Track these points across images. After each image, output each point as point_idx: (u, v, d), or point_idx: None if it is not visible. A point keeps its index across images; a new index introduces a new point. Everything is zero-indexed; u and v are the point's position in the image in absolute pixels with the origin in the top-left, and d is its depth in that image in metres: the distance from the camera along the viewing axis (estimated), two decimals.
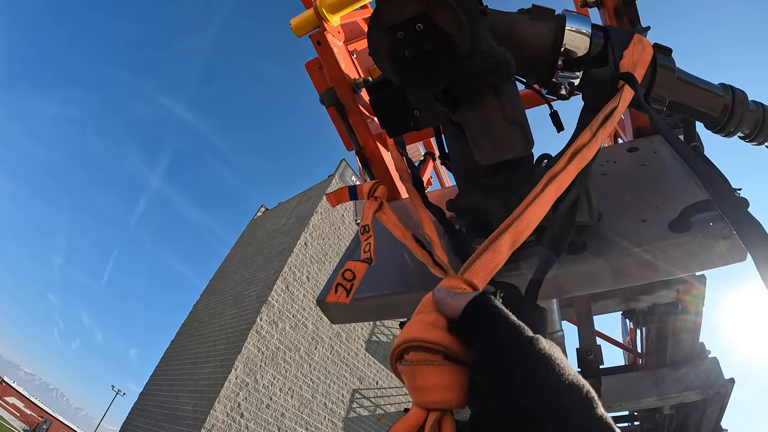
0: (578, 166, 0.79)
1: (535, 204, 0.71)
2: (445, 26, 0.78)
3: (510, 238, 0.67)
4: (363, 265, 1.02)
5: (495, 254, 0.65)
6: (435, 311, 0.54)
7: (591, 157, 0.81)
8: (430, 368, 0.48)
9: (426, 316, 0.53)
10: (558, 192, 0.75)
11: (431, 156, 2.47)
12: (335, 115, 1.65)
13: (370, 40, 0.84)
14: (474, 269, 0.64)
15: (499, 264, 0.65)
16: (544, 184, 0.74)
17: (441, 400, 0.48)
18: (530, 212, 0.70)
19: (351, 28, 1.83)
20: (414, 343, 0.50)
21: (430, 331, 0.50)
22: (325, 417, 15.61)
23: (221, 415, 12.81)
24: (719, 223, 0.92)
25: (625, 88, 0.88)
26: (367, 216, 1.16)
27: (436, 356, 0.49)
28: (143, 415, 16.69)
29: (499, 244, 0.66)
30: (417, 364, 0.49)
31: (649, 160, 1.28)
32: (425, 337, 0.50)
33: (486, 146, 0.92)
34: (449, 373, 0.48)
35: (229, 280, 19.72)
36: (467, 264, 0.65)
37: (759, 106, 1.11)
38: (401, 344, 0.51)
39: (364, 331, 18.17)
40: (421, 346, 0.50)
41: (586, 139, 0.81)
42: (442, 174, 2.78)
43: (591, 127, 0.83)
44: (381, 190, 1.24)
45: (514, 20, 0.95)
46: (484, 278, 0.64)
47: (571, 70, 0.95)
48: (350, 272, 1.01)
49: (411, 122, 1.10)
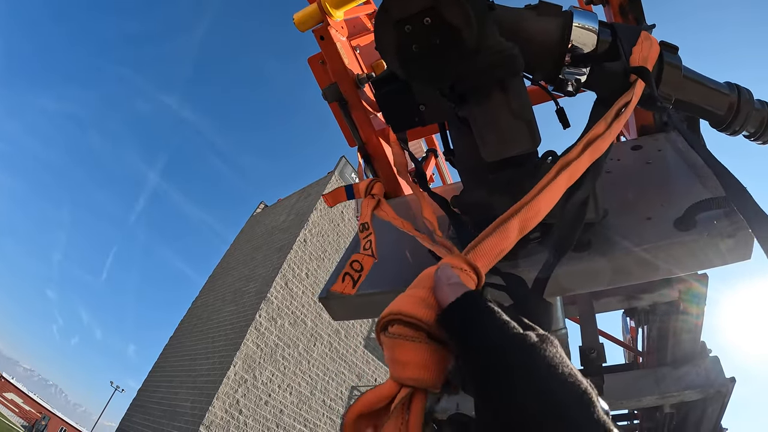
0: (592, 156, 0.77)
1: (546, 191, 0.68)
2: (453, 20, 0.77)
3: (518, 224, 0.65)
4: (369, 259, 1.02)
5: (501, 239, 0.63)
6: (429, 288, 0.53)
7: (605, 149, 0.80)
8: (411, 344, 0.48)
9: (419, 291, 0.53)
10: (570, 181, 0.74)
11: (433, 152, 2.47)
12: (338, 111, 1.64)
13: (377, 33, 0.83)
14: (479, 251, 0.62)
15: (505, 249, 0.63)
16: (557, 171, 0.72)
17: (416, 377, 0.47)
18: (541, 199, 0.67)
19: (354, 23, 1.82)
20: (399, 316, 0.50)
21: (419, 308, 0.49)
22: (324, 414, 15.64)
23: (220, 411, 12.83)
24: (723, 221, 0.91)
25: (637, 83, 0.88)
26: (366, 214, 1.16)
27: (418, 333, 0.48)
28: (142, 412, 16.72)
29: (506, 228, 0.63)
30: (398, 338, 0.48)
31: (653, 159, 1.27)
32: (412, 312, 0.49)
33: (492, 142, 0.92)
34: (428, 352, 0.47)
35: (228, 277, 19.73)
36: (473, 244, 0.63)
37: (764, 105, 1.11)
38: (388, 315, 0.51)
39: (362, 328, 18.19)
40: (407, 321, 0.49)
41: (600, 130, 0.80)
42: (445, 171, 2.77)
43: (606, 118, 0.82)
44: (378, 187, 1.23)
45: (522, 16, 0.95)
46: (488, 262, 0.62)
47: (578, 66, 0.95)
48: (358, 263, 1.00)
49: (416, 118, 1.10)
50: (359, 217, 2.41)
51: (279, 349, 14.99)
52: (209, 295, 19.95)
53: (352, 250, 1.55)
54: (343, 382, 16.80)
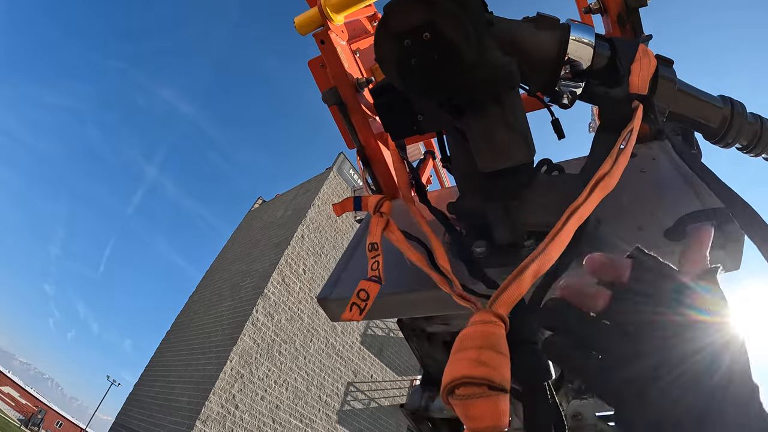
0: (600, 195, 0.80)
1: (557, 238, 0.74)
2: (452, 36, 0.79)
3: (533, 272, 0.71)
4: (376, 286, 1.07)
5: (518, 287, 0.69)
6: (477, 348, 0.60)
7: (613, 186, 0.82)
8: (481, 400, 0.56)
9: (469, 353, 0.60)
10: (579, 223, 0.77)
11: (431, 155, 2.48)
12: (337, 114, 1.65)
13: (376, 46, 0.85)
14: (501, 301, 0.69)
15: (521, 294, 0.70)
16: (565, 219, 0.76)
17: (491, 425, 0.55)
18: (553, 247, 0.73)
19: (355, 26, 1.83)
20: (463, 380, 0.57)
21: (478, 368, 0.57)
22: (320, 410, 15.69)
23: (216, 406, 12.86)
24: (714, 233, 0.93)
25: (639, 108, 0.90)
26: (375, 233, 1.18)
27: (482, 389, 0.56)
28: (138, 406, 16.75)
29: (522, 278, 0.70)
30: (470, 398, 0.56)
31: (647, 167, 1.29)
32: (472, 374, 0.57)
33: (488, 154, 0.94)
34: (497, 401, 0.56)
35: (225, 272, 19.73)
36: (495, 295, 0.70)
37: (757, 118, 1.12)
38: (452, 381, 0.58)
39: (359, 324, 18.21)
40: (470, 382, 0.57)
41: (607, 168, 0.82)
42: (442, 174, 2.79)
43: (611, 155, 0.84)
44: (387, 206, 1.25)
45: (519, 28, 0.96)
46: (508, 309, 0.69)
47: (574, 80, 0.96)
48: (365, 292, 1.05)
49: (414, 127, 1.11)
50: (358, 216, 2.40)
51: (275, 345, 15.02)
52: (206, 290, 19.95)
53: (351, 251, 1.57)
54: (339, 378, 16.84)
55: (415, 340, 2.31)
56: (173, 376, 15.99)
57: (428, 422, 2.46)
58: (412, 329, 2.27)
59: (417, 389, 2.53)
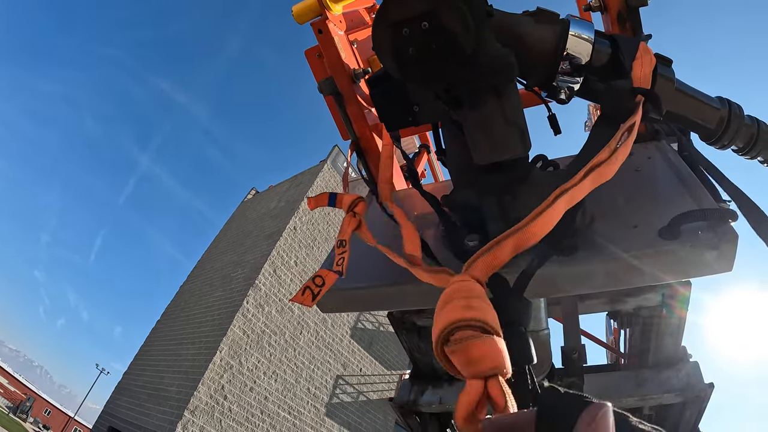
0: (594, 182, 0.79)
1: (543, 215, 0.72)
2: (451, 26, 0.78)
3: (512, 244, 0.70)
4: (333, 276, 1.07)
5: (494, 257, 0.69)
6: (464, 297, 0.60)
7: (610, 176, 0.80)
8: (479, 341, 0.54)
9: (459, 302, 0.60)
10: (569, 206, 0.76)
11: (426, 148, 2.47)
12: (333, 104, 1.64)
13: (374, 34, 0.84)
14: (475, 266, 0.69)
15: (497, 265, 0.70)
16: (555, 197, 0.74)
17: (494, 365, 0.53)
18: (537, 223, 0.72)
19: (352, 17, 1.81)
20: (458, 323, 0.57)
21: (470, 312, 0.57)
22: (308, 402, 15.71)
23: (205, 396, 12.84)
24: (708, 233, 0.93)
25: (641, 103, 0.89)
26: (345, 231, 1.19)
27: (476, 331, 0.56)
28: (127, 395, 16.68)
29: (499, 248, 0.70)
30: (467, 341, 0.55)
31: (642, 166, 1.29)
32: (465, 316, 0.57)
33: (484, 146, 0.93)
34: (495, 342, 0.55)
35: (216, 262, 19.65)
36: (471, 260, 0.70)
37: (754, 120, 1.12)
38: (445, 328, 0.57)
39: (349, 318, 18.23)
40: (465, 325, 0.56)
41: (604, 156, 0.80)
42: (437, 168, 2.78)
43: (610, 145, 0.82)
44: (361, 206, 1.24)
45: (519, 22, 0.95)
46: (483, 274, 0.69)
47: (572, 75, 0.96)
48: (320, 278, 1.05)
49: (409, 118, 1.10)
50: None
51: (265, 336, 15.00)
52: (197, 280, 19.87)
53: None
54: (329, 370, 16.86)
55: (404, 333, 2.31)
56: (162, 365, 15.93)
57: (416, 416, 2.47)
58: (402, 322, 2.28)
59: (406, 383, 2.54)
